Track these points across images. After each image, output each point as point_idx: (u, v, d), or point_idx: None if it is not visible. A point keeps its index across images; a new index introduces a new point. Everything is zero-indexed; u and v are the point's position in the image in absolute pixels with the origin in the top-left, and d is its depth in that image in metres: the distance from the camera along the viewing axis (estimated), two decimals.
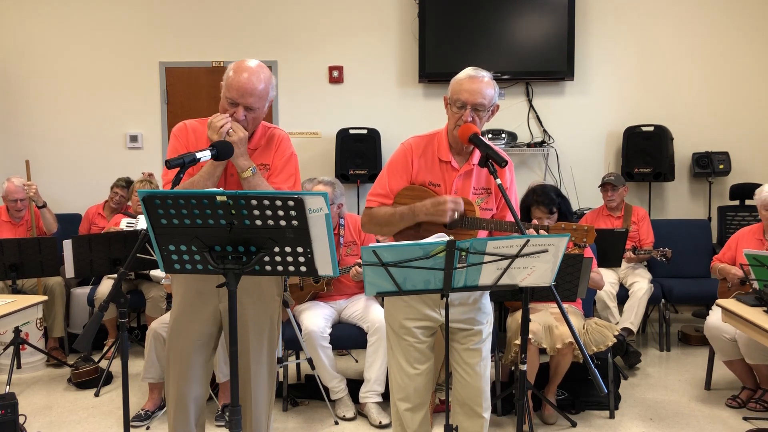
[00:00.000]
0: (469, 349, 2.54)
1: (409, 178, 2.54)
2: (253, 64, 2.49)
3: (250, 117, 2.49)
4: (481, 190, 2.56)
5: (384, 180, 2.57)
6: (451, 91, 2.50)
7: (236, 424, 2.01)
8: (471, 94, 2.43)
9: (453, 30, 5.84)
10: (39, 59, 6.11)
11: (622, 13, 5.92)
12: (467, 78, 2.46)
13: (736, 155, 5.77)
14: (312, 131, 6.12)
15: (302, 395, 4.07)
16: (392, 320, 2.58)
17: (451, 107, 2.49)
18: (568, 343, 3.43)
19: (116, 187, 5.37)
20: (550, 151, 5.91)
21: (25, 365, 4.64)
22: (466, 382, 2.54)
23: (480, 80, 2.45)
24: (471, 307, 2.55)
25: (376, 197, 2.57)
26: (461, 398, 2.56)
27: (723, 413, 3.82)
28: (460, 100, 2.45)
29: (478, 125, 2.46)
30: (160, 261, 2.00)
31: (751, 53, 5.89)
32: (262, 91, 2.48)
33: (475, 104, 2.43)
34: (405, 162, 2.54)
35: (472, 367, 2.53)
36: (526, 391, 2.52)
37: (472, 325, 2.55)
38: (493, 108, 2.51)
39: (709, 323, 3.92)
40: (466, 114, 2.43)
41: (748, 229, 4.21)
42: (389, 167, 2.58)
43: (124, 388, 2.17)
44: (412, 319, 2.52)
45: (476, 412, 2.55)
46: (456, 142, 2.50)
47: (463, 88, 2.45)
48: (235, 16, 6.05)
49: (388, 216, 2.51)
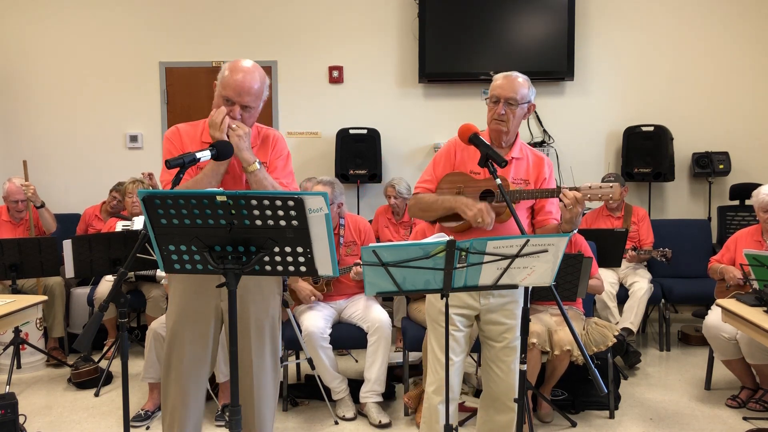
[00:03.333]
0: (506, 347, 2.67)
1: (451, 168, 2.75)
2: (249, 64, 2.52)
3: (246, 116, 2.51)
4: (519, 181, 2.73)
5: (430, 169, 2.80)
6: (489, 89, 2.75)
7: (236, 424, 2.01)
8: (503, 89, 2.67)
9: (453, 30, 5.84)
10: (39, 59, 6.12)
11: (622, 13, 5.92)
12: (503, 76, 2.72)
13: (736, 155, 5.78)
14: (312, 131, 6.12)
15: (302, 395, 4.07)
16: (432, 309, 2.72)
17: (489, 102, 2.73)
18: (566, 350, 3.47)
19: (115, 191, 5.36)
20: (550, 151, 5.91)
21: (25, 365, 4.64)
22: (500, 379, 2.68)
23: (514, 78, 2.70)
24: (510, 298, 2.66)
25: (422, 183, 2.79)
26: (494, 394, 2.70)
27: (723, 413, 3.82)
28: (494, 95, 2.69)
29: (512, 119, 2.67)
30: (160, 261, 2.00)
31: (751, 53, 5.89)
32: (258, 91, 2.52)
33: (507, 98, 2.65)
34: (448, 153, 2.76)
35: (508, 364, 2.67)
36: (526, 391, 2.53)
37: (508, 319, 2.66)
38: (529, 105, 2.72)
39: (708, 323, 3.92)
40: (499, 107, 2.65)
41: (746, 231, 4.21)
42: (435, 158, 2.81)
43: (124, 388, 2.17)
44: (453, 306, 2.62)
45: (508, 407, 2.69)
46: (494, 136, 2.72)
47: (497, 84, 2.70)
48: (235, 16, 6.05)
49: (431, 202, 2.71)
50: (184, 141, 2.58)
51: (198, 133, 2.59)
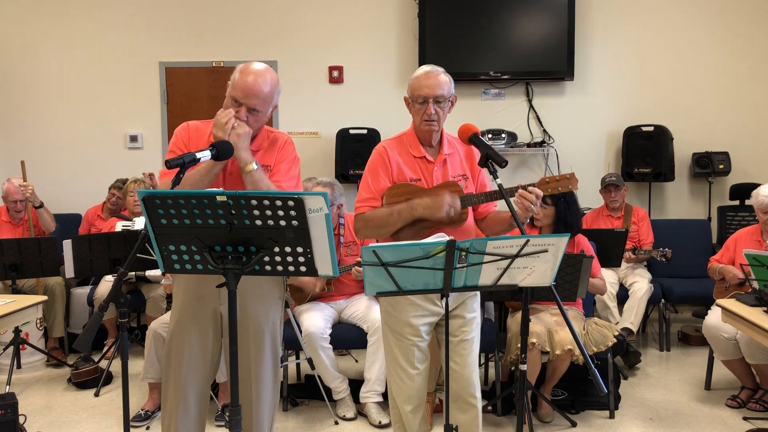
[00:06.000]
0: (462, 341, 2.60)
1: (390, 178, 2.63)
2: (261, 66, 2.51)
3: (252, 119, 2.49)
4: (459, 177, 2.66)
5: (368, 184, 2.65)
6: (410, 89, 2.63)
7: (236, 424, 2.01)
8: (430, 88, 2.57)
9: (453, 30, 5.84)
10: (39, 59, 6.11)
11: (622, 13, 5.92)
12: (424, 74, 2.61)
13: (736, 155, 5.77)
14: (312, 131, 6.12)
15: (302, 395, 4.07)
16: (394, 322, 2.60)
17: (414, 104, 2.62)
18: (567, 350, 3.45)
19: (114, 189, 5.37)
20: (550, 151, 5.91)
21: (25, 365, 4.64)
22: (458, 374, 2.59)
23: (436, 75, 2.60)
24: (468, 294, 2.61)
25: (364, 203, 2.64)
26: (454, 391, 2.58)
27: (723, 413, 3.82)
28: (421, 96, 2.58)
29: (441, 117, 2.60)
30: (160, 261, 2.00)
31: (751, 53, 5.89)
32: (267, 95, 2.49)
33: (436, 97, 2.57)
34: (383, 163, 2.63)
35: (464, 358, 2.59)
36: (526, 391, 2.53)
37: (468, 312, 2.61)
38: (452, 99, 2.65)
39: (708, 323, 3.92)
40: (429, 107, 2.56)
41: (746, 231, 4.21)
42: (369, 172, 2.66)
43: (124, 388, 2.17)
44: (420, 316, 2.57)
45: (469, 403, 2.60)
46: (424, 138, 2.63)
47: (422, 84, 2.59)
48: (235, 16, 6.05)
49: (386, 216, 2.56)
50: (191, 138, 2.58)
51: (207, 131, 2.59)
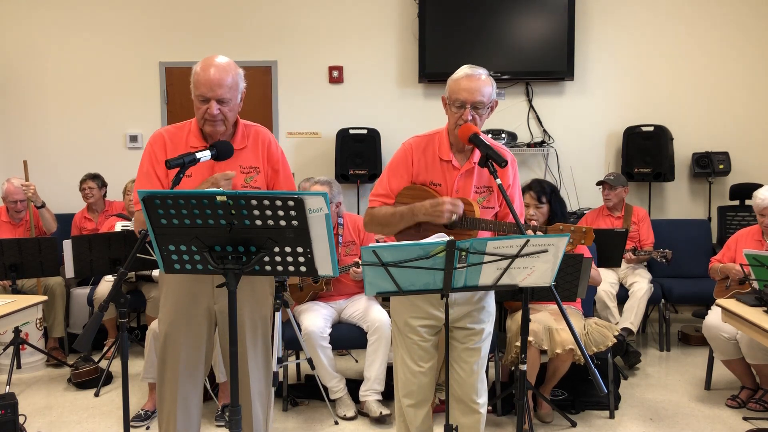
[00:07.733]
0: (468, 348, 2.57)
1: (409, 177, 2.55)
2: (220, 59, 2.47)
3: (225, 110, 2.46)
4: (482, 189, 2.55)
5: (385, 180, 2.58)
6: (449, 90, 2.49)
7: (236, 424, 2.01)
8: (470, 92, 2.42)
9: (453, 30, 5.84)
10: (39, 59, 6.11)
11: (622, 13, 5.92)
12: (465, 77, 2.46)
13: (736, 155, 5.77)
14: (312, 131, 6.12)
15: (302, 395, 4.06)
16: (398, 318, 2.61)
17: (451, 107, 2.49)
18: (568, 349, 3.44)
19: (84, 183, 5.29)
20: (550, 151, 5.91)
21: (25, 365, 4.64)
22: (461, 379, 2.58)
23: (477, 78, 2.45)
24: (475, 306, 2.57)
25: (377, 197, 2.58)
26: (457, 395, 2.60)
27: (723, 413, 3.82)
28: (459, 100, 2.44)
29: (478, 123, 2.46)
30: (160, 261, 2.00)
31: (752, 53, 5.88)
32: (232, 82, 2.45)
33: (474, 102, 2.43)
34: (406, 162, 2.55)
35: (470, 365, 2.57)
36: (526, 391, 2.53)
37: (475, 324, 2.57)
38: (492, 105, 2.51)
39: (708, 323, 3.92)
40: (466, 113, 2.43)
41: (746, 231, 4.21)
42: (390, 167, 2.59)
43: (124, 388, 2.17)
44: (416, 317, 2.55)
45: (472, 408, 2.59)
46: (457, 141, 2.50)
47: (461, 87, 2.44)
48: (235, 17, 6.04)
49: (389, 216, 2.53)
50: (167, 148, 2.52)
51: (184, 136, 2.55)
